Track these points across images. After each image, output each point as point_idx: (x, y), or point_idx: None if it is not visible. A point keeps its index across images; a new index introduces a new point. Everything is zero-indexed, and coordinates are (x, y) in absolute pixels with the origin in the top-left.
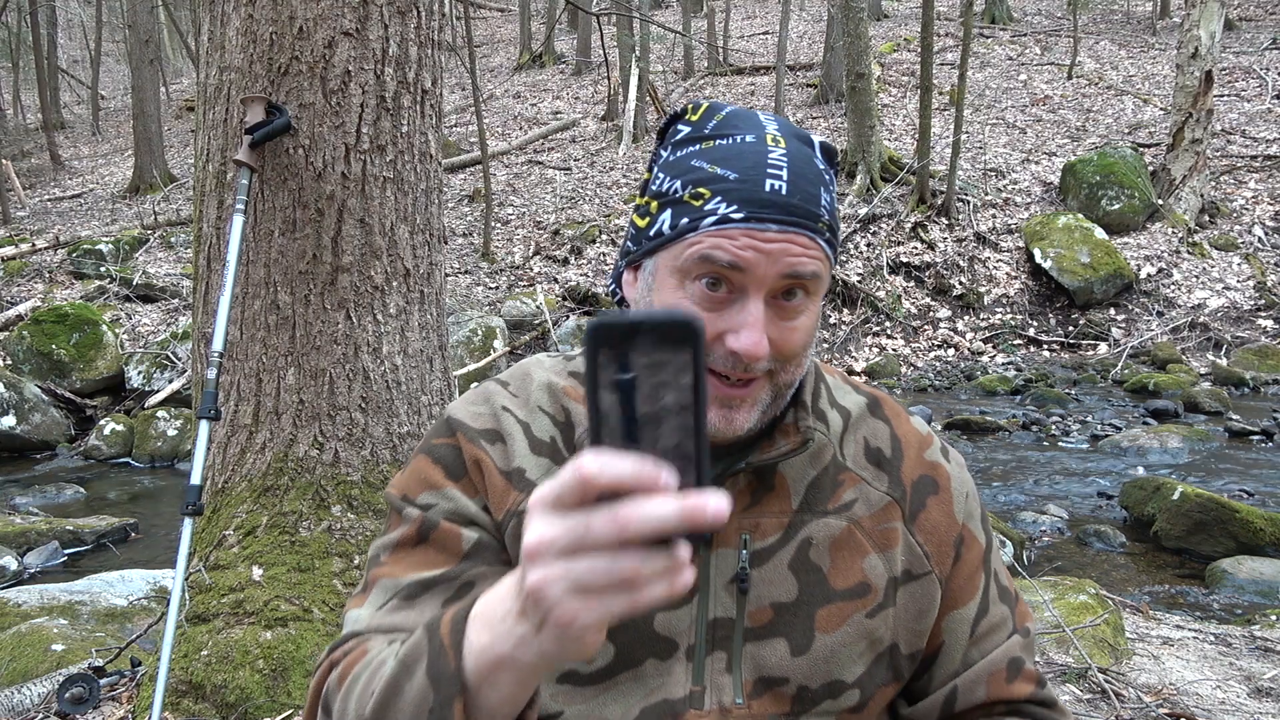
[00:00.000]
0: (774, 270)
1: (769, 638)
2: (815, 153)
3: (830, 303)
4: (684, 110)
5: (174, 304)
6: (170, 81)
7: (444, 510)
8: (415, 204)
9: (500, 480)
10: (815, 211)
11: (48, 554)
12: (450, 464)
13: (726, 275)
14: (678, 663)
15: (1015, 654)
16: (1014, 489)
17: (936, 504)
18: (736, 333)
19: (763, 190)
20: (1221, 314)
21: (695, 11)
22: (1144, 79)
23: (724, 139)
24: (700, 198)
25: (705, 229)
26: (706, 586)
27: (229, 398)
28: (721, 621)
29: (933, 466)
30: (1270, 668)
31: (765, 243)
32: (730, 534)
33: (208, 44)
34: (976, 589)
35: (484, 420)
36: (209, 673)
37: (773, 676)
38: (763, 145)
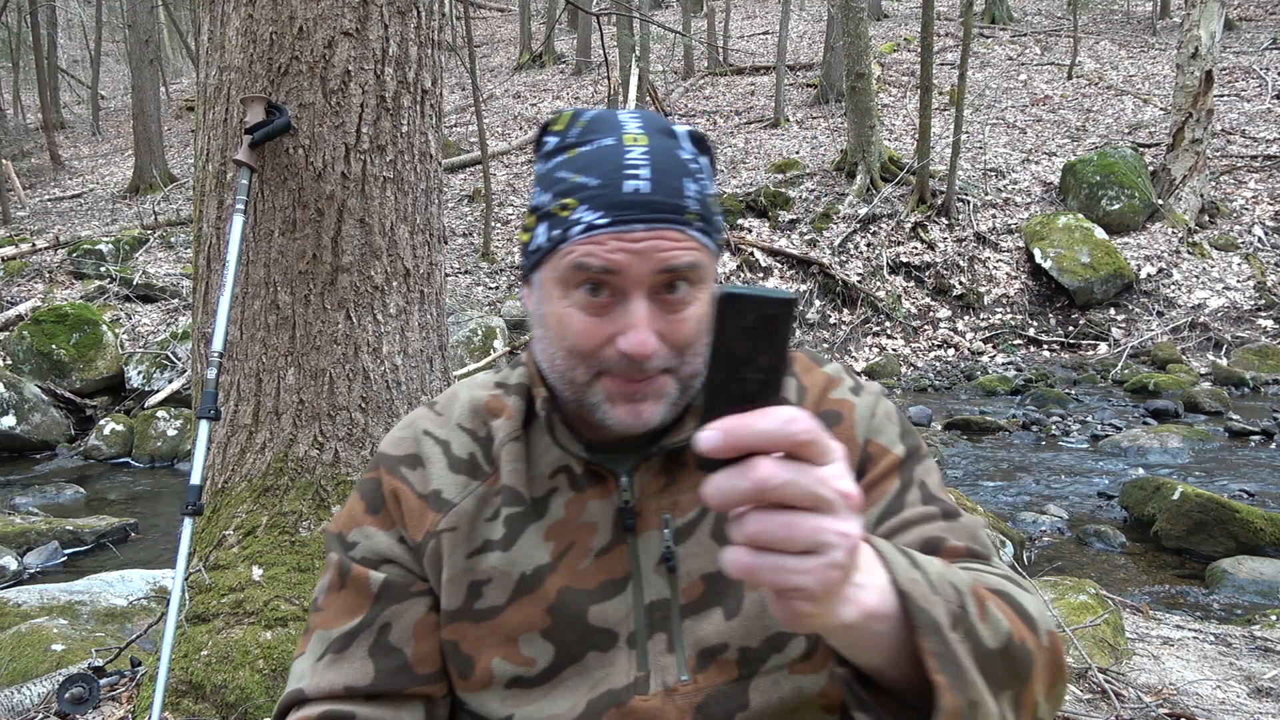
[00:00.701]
0: (648, 268)
1: (704, 609)
2: (681, 144)
3: (830, 303)
4: (551, 121)
5: (174, 304)
6: (170, 81)
7: (360, 552)
8: (415, 204)
9: (417, 503)
10: (679, 204)
11: (48, 554)
12: (370, 499)
13: (603, 280)
14: (620, 651)
15: (931, 535)
16: (1014, 489)
17: (837, 433)
18: (625, 334)
19: (623, 192)
20: (1221, 314)
21: (695, 11)
22: (1144, 79)
23: (585, 145)
24: (567, 208)
25: (575, 238)
26: (638, 572)
27: (229, 398)
28: (658, 604)
29: (837, 403)
30: (1270, 668)
31: (633, 243)
32: (651, 517)
33: (208, 44)
34: (884, 494)
35: (405, 446)
36: (209, 673)
37: (712, 646)
38: (621, 146)
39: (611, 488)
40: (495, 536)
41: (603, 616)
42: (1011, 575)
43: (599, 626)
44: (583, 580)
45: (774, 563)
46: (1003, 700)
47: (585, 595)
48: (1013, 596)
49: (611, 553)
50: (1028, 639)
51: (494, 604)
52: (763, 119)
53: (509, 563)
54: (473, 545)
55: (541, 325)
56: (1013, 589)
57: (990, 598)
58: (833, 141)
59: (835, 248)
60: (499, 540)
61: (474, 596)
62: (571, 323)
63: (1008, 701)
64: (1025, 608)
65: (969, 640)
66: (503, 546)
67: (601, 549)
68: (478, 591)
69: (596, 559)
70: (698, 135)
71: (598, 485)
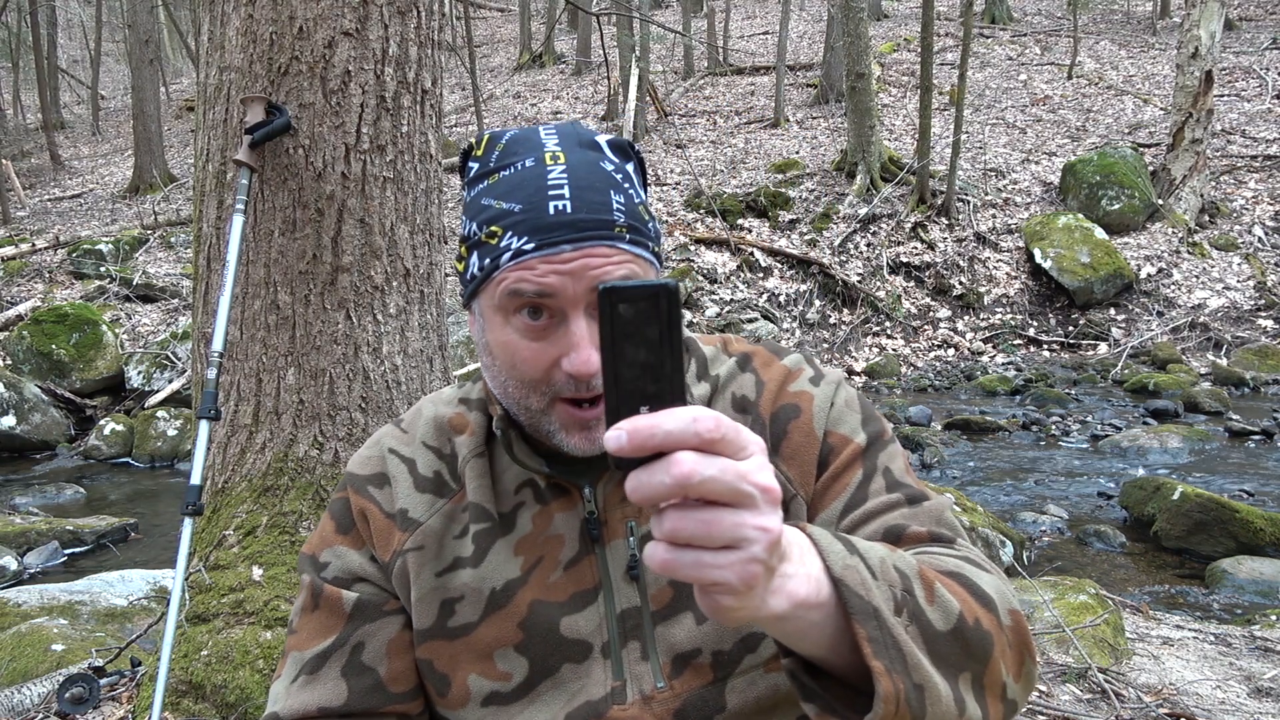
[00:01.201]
0: (581, 288)
1: (675, 615)
2: (604, 154)
3: (830, 303)
4: (471, 147)
5: (174, 304)
6: (170, 81)
7: (332, 571)
8: (415, 204)
9: (384, 523)
10: (606, 219)
11: (48, 554)
12: (341, 519)
13: (540, 303)
14: (595, 662)
15: (893, 523)
16: (1014, 489)
17: (797, 426)
18: (567, 356)
19: (547, 215)
20: (1221, 314)
21: (695, 11)
22: (1144, 79)
23: (506, 169)
24: (495, 235)
25: (505, 265)
26: (608, 581)
27: (229, 398)
28: (629, 612)
29: (795, 395)
30: (1270, 668)
31: (563, 264)
32: (617, 526)
33: (208, 44)
34: (846, 486)
35: (372, 465)
36: (209, 673)
37: (685, 651)
38: (541, 167)
39: (576, 499)
40: (465, 554)
41: (575, 628)
42: (971, 555)
43: (572, 638)
44: (553, 593)
45: (693, 558)
46: (960, 682)
47: (556, 608)
48: (967, 577)
49: (580, 564)
50: (983, 619)
51: (467, 621)
52: (763, 119)
53: (479, 579)
54: (442, 563)
55: (489, 353)
56: (968, 570)
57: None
58: (833, 141)
59: (835, 248)
60: (469, 557)
61: (446, 614)
62: (517, 350)
63: (966, 683)
64: (981, 587)
65: (915, 623)
66: (473, 563)
67: (570, 561)
68: (450, 609)
69: (566, 571)
70: (620, 144)
71: (562, 498)
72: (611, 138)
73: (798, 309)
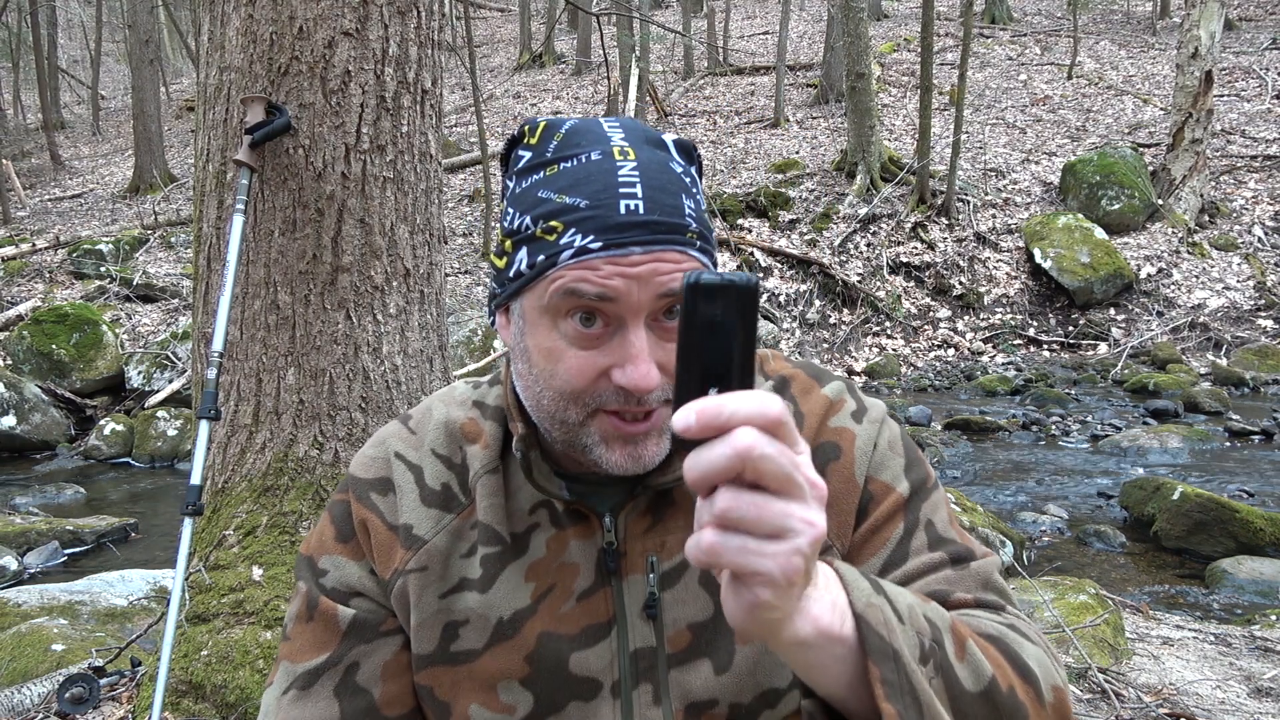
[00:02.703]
0: (647, 294)
1: (691, 660)
2: (671, 154)
3: (830, 303)
4: (521, 133)
5: (174, 304)
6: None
7: (330, 582)
8: (415, 204)
9: (386, 536)
10: (680, 223)
11: (48, 554)
12: (341, 525)
13: (598, 308)
14: (604, 702)
15: (935, 589)
16: (1014, 489)
17: (835, 470)
18: (622, 367)
19: (618, 213)
20: (1221, 314)
21: (695, 11)
22: (1144, 79)
23: (568, 161)
24: (553, 231)
25: (564, 263)
26: (622, 617)
27: (229, 398)
28: (642, 652)
29: (836, 432)
30: (1270, 668)
31: (631, 267)
32: (636, 559)
33: (208, 44)
34: (886, 541)
35: (375, 469)
36: (209, 673)
37: (701, 701)
38: (610, 162)
39: (595, 528)
40: (472, 576)
41: (584, 665)
42: (1019, 625)
43: (580, 675)
44: (564, 625)
45: (739, 543)
46: None
47: (566, 642)
48: (1007, 644)
49: (594, 596)
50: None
51: (471, 647)
52: (763, 119)
53: (487, 605)
54: (447, 584)
55: (525, 360)
56: (1011, 637)
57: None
58: (833, 141)
59: (835, 248)
60: (476, 580)
61: (450, 638)
62: (563, 359)
63: None
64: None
65: (941, 676)
66: (480, 588)
67: (584, 592)
68: (454, 633)
69: (579, 602)
70: (685, 145)
71: (580, 524)
72: (676, 138)
73: (798, 309)
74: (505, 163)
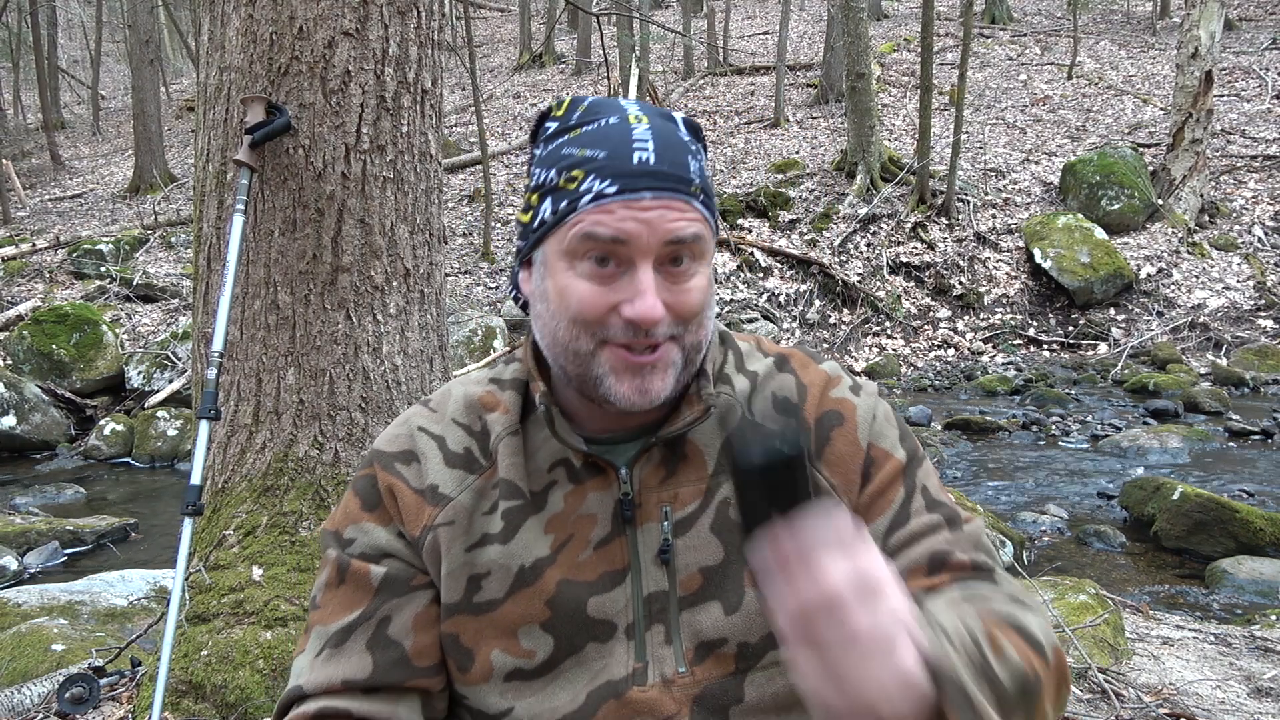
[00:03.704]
0: (656, 238)
1: (702, 603)
2: (679, 127)
3: (830, 303)
4: (550, 109)
5: (174, 304)
6: (170, 81)
7: (359, 547)
8: (415, 204)
9: (413, 499)
10: (685, 176)
11: (48, 554)
12: (366, 496)
13: (612, 250)
14: (619, 642)
15: (937, 548)
16: (1014, 489)
17: (840, 434)
18: (631, 302)
19: (631, 162)
20: (1221, 314)
21: (695, 11)
22: (1144, 79)
23: (589, 125)
24: (574, 180)
25: (584, 208)
26: (637, 563)
27: (229, 398)
28: (656, 595)
29: (838, 402)
30: (1270, 668)
31: (642, 211)
32: (652, 509)
33: (208, 44)
34: (890, 503)
35: (400, 443)
36: (209, 673)
37: (711, 640)
38: (626, 124)
39: (611, 479)
40: (493, 530)
41: (602, 608)
42: (1015, 593)
43: (598, 618)
44: (582, 572)
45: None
46: None
47: (585, 587)
48: (1020, 623)
49: (611, 544)
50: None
51: (493, 597)
52: (763, 119)
53: (508, 555)
54: (471, 539)
55: (543, 300)
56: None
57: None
58: (833, 141)
59: (835, 248)
60: (497, 534)
61: (473, 590)
62: (576, 290)
63: None
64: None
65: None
66: (501, 540)
67: (601, 540)
68: (476, 585)
69: (596, 550)
70: (692, 123)
71: (597, 477)
72: (685, 116)
73: (798, 309)
74: (534, 136)
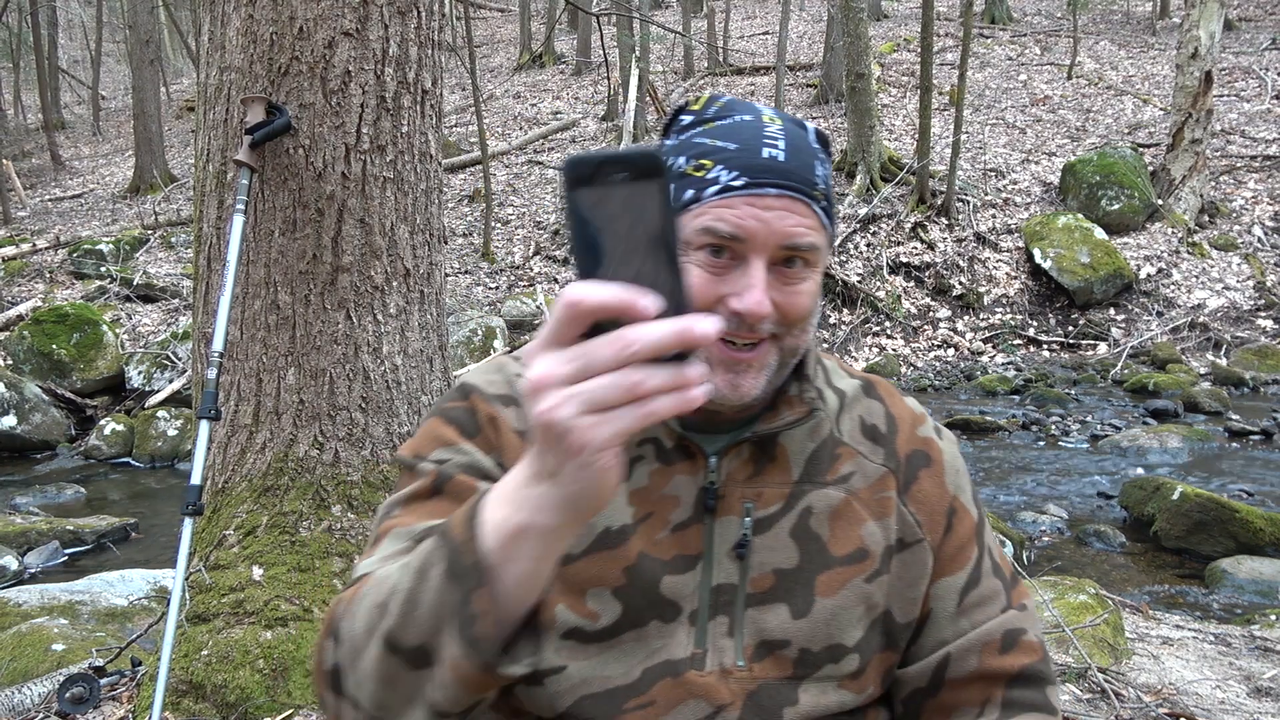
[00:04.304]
0: (774, 239)
1: (770, 603)
2: (809, 135)
3: (830, 303)
4: (688, 103)
5: (174, 304)
6: (170, 81)
7: (459, 463)
8: (415, 204)
9: (516, 439)
10: (811, 179)
11: (48, 554)
12: (464, 423)
13: (728, 245)
14: (681, 626)
15: (1011, 626)
16: (1014, 489)
17: (928, 475)
18: (740, 295)
19: (760, 156)
20: (1221, 314)
21: (695, 11)
22: (1144, 79)
23: (724, 120)
24: (703, 168)
25: (708, 200)
26: (710, 553)
27: (229, 398)
28: (724, 587)
29: (925, 442)
30: (1270, 668)
31: (764, 209)
32: (734, 502)
33: (208, 44)
34: (968, 560)
35: (498, 386)
36: (209, 672)
37: (774, 639)
38: (760, 122)
39: (699, 466)
40: None
41: (673, 589)
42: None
43: (668, 598)
44: (659, 549)
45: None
46: None
47: (661, 565)
48: None
49: (689, 529)
50: None
51: (570, 552)
52: None
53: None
54: None
55: None
56: None
57: None
58: (833, 141)
59: (835, 248)
60: None
61: None
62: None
63: None
64: None
65: None
66: None
67: (680, 524)
68: None
69: (673, 532)
70: (822, 134)
71: (686, 461)
72: (815, 127)
73: None
74: (667, 128)
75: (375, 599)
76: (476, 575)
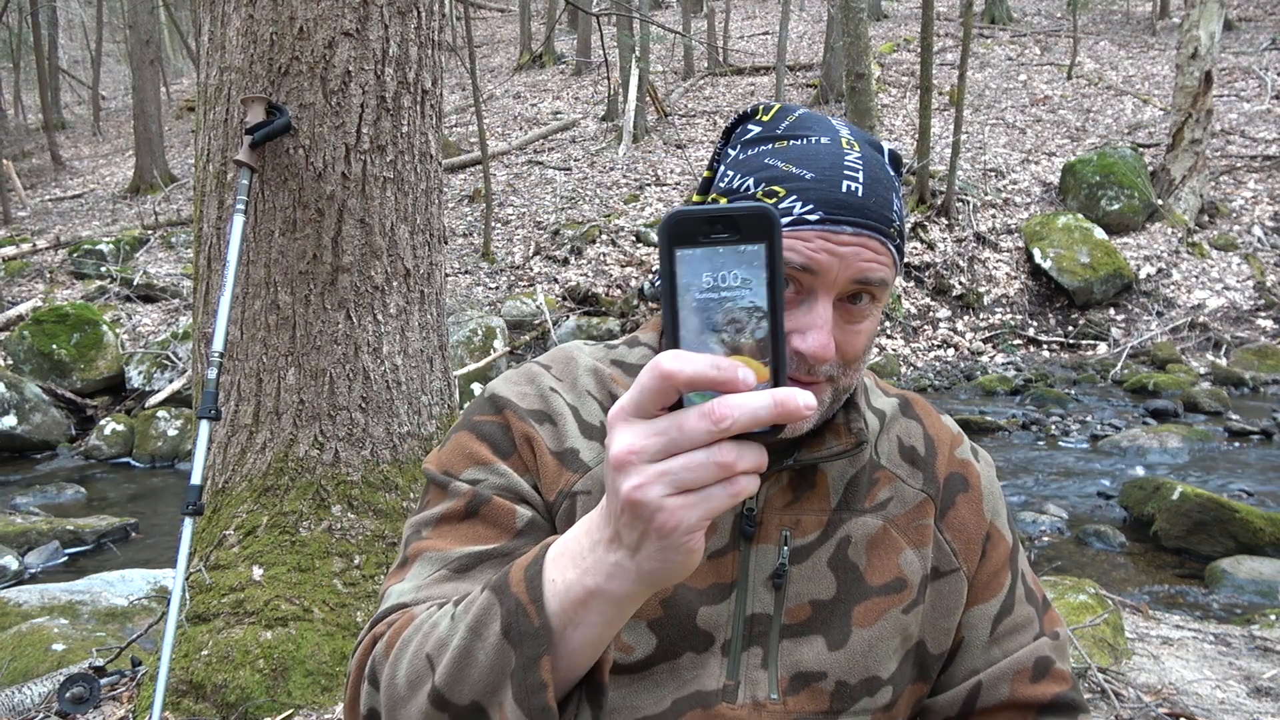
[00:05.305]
0: (845, 274)
1: (806, 635)
2: (885, 161)
3: None
4: (753, 111)
5: (174, 304)
6: (170, 81)
7: (495, 485)
8: (415, 204)
9: (552, 460)
10: (889, 216)
11: (48, 554)
12: (498, 441)
13: (797, 277)
14: (713, 656)
15: (1043, 654)
16: (1014, 489)
17: (965, 501)
18: (804, 334)
19: (839, 191)
20: (1221, 314)
21: (695, 11)
22: (1144, 79)
23: (798, 140)
24: (774, 195)
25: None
26: (745, 582)
27: (229, 398)
28: (759, 617)
29: (963, 464)
30: (1270, 668)
31: (839, 245)
32: (771, 530)
33: (208, 44)
34: (1001, 586)
35: (531, 400)
36: (209, 672)
37: (809, 671)
38: (839, 148)
39: None
40: None
41: (708, 619)
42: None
43: (703, 628)
44: (694, 579)
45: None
46: None
47: (697, 595)
48: None
49: (725, 557)
50: None
51: None
52: None
53: None
54: None
55: None
56: None
57: None
58: None
59: None
60: None
61: None
62: None
63: None
64: None
65: None
66: None
67: (716, 551)
68: None
69: (709, 560)
70: (896, 156)
71: None
72: (890, 148)
73: None
74: (728, 135)
75: (421, 648)
76: (540, 641)
